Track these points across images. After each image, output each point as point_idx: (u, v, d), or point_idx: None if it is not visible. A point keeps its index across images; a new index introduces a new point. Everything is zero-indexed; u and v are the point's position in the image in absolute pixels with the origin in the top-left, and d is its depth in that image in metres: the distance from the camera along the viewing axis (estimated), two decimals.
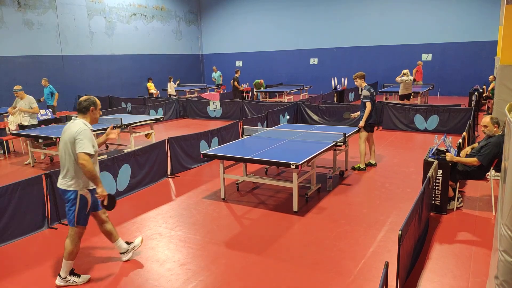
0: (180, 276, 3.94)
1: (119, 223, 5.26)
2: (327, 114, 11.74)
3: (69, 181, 3.68)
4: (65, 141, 3.66)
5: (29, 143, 8.46)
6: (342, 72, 20.04)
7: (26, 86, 15.19)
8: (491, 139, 5.09)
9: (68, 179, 3.69)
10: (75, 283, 3.82)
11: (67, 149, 3.66)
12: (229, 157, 5.67)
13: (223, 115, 13.85)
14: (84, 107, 3.76)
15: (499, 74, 8.34)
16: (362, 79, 7.19)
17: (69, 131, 3.66)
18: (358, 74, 7.18)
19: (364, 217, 5.21)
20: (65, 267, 3.81)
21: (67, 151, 3.66)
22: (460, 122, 10.07)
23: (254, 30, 22.79)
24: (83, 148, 3.57)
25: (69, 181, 3.69)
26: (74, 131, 3.62)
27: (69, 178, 3.69)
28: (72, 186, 3.69)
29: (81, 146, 3.57)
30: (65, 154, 3.68)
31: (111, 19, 18.86)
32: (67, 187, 3.69)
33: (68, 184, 3.69)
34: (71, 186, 3.69)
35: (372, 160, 7.54)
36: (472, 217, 5.09)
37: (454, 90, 18.29)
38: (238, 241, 4.64)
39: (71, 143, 3.62)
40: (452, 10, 17.74)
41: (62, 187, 3.73)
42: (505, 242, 2.55)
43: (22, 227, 4.92)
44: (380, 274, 3.80)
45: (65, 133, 3.71)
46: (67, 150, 3.66)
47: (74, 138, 3.60)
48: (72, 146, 3.62)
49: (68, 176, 3.69)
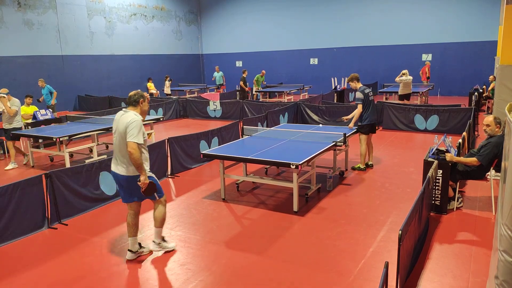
0: (180, 276, 3.94)
1: (119, 223, 5.26)
2: (327, 114, 11.73)
3: (130, 166, 3.95)
4: (120, 132, 3.93)
5: (29, 143, 8.47)
6: (342, 72, 20.03)
7: (26, 86, 15.25)
8: (491, 139, 5.09)
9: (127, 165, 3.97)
10: (167, 248, 4.37)
11: (122, 140, 3.93)
12: (229, 157, 5.67)
13: (223, 115, 13.85)
14: (134, 100, 4.05)
15: (499, 74, 8.34)
16: (356, 80, 7.10)
17: (122, 122, 3.93)
18: (352, 76, 7.10)
19: (364, 217, 5.21)
20: (158, 234, 4.32)
21: (122, 141, 3.93)
22: (460, 122, 10.07)
23: (254, 30, 22.79)
24: (133, 138, 3.83)
25: (129, 166, 3.96)
26: (127, 121, 3.88)
27: (129, 164, 3.95)
28: (135, 172, 3.98)
29: (131, 135, 3.84)
30: (121, 143, 3.95)
31: (111, 19, 18.86)
32: (132, 173, 3.99)
33: (130, 170, 3.99)
34: (134, 172, 3.99)
35: (368, 161, 7.48)
36: (472, 217, 5.09)
37: (454, 90, 18.30)
38: (238, 241, 4.64)
39: (125, 133, 3.88)
40: (452, 10, 17.75)
41: (128, 174, 3.99)
42: (505, 242, 2.55)
43: (22, 227, 4.92)
44: (380, 274, 3.80)
45: (118, 124, 3.98)
46: (122, 140, 3.93)
47: (126, 127, 3.87)
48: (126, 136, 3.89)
49: (128, 162, 3.95)
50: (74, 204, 5.52)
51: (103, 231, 5.03)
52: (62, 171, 5.42)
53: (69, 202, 5.45)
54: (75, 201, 5.54)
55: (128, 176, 4.01)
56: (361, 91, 7.01)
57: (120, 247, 4.59)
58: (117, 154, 4.06)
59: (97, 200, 5.87)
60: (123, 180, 4.07)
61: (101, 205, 5.90)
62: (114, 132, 4.07)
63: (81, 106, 17.41)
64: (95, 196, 5.83)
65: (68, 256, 4.41)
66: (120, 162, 4.03)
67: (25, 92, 13.67)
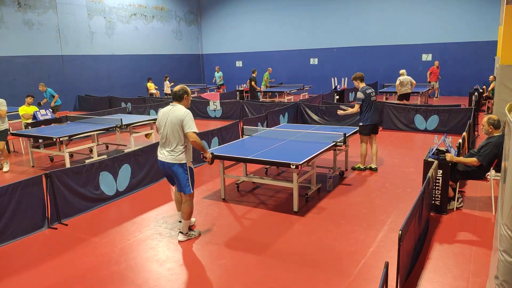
0: (180, 276, 3.95)
1: (119, 223, 5.26)
2: (327, 114, 11.73)
3: (179, 155, 4.43)
4: (173, 122, 4.37)
5: (29, 143, 8.47)
6: (342, 72, 20.04)
7: (26, 86, 15.26)
8: (491, 139, 5.09)
9: (176, 154, 4.42)
10: (194, 235, 4.78)
11: (175, 129, 4.38)
12: (229, 157, 5.66)
13: (223, 115, 13.85)
14: (180, 95, 4.51)
15: (499, 74, 8.34)
16: (359, 80, 7.07)
17: (176, 114, 4.37)
18: (356, 75, 7.08)
19: (364, 217, 5.21)
20: (186, 225, 4.71)
21: (175, 130, 4.38)
22: (460, 122, 10.07)
23: (254, 30, 22.79)
24: (192, 128, 4.37)
25: (178, 155, 4.43)
26: (181, 114, 4.35)
27: (178, 153, 4.43)
28: (183, 160, 4.46)
29: (189, 127, 4.36)
30: (173, 133, 4.39)
31: (111, 19, 18.86)
32: (178, 161, 4.44)
33: (178, 158, 4.43)
34: (182, 160, 4.45)
35: (372, 165, 7.29)
36: (472, 217, 5.09)
37: (454, 90, 18.30)
38: (238, 241, 4.64)
39: (179, 125, 4.35)
40: (452, 10, 17.75)
41: (173, 161, 4.44)
42: (505, 242, 2.55)
43: (22, 227, 4.92)
44: (380, 274, 3.80)
45: (169, 116, 4.41)
46: (175, 130, 4.38)
47: (181, 120, 4.33)
48: (179, 127, 4.35)
49: (177, 151, 4.42)
50: (74, 204, 5.52)
51: (103, 231, 5.03)
52: (62, 171, 5.42)
53: (69, 202, 5.45)
54: (75, 201, 5.54)
55: (173, 164, 4.46)
56: (363, 91, 6.97)
57: (120, 247, 4.59)
58: (168, 143, 4.45)
59: (97, 200, 5.87)
60: (169, 168, 4.51)
61: (101, 205, 5.90)
62: (164, 124, 4.45)
63: (81, 106, 17.41)
64: (95, 196, 5.83)
65: (68, 256, 4.41)
66: (170, 149, 4.44)
67: (25, 92, 13.68)
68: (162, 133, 4.50)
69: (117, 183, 6.21)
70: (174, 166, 4.47)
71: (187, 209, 4.63)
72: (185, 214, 4.66)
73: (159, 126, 4.56)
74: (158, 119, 4.57)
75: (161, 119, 4.52)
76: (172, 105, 4.51)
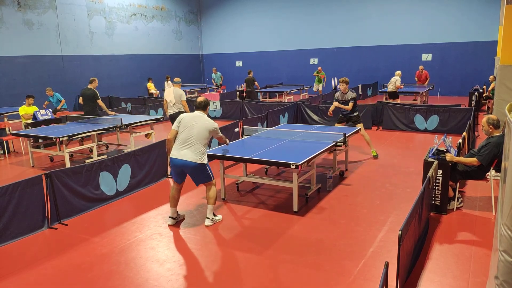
0: (180, 276, 3.95)
1: (119, 223, 5.26)
2: (327, 114, 11.71)
3: (202, 156, 4.93)
4: (204, 128, 4.94)
5: (29, 143, 8.47)
6: (342, 72, 20.03)
7: (26, 86, 15.26)
8: (491, 139, 5.08)
9: (200, 155, 4.89)
10: (218, 220, 5.22)
11: (204, 135, 4.94)
12: (229, 157, 5.67)
13: (223, 115, 13.85)
14: (204, 106, 5.14)
15: (499, 74, 8.35)
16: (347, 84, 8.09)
17: (207, 123, 4.98)
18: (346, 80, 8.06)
19: (364, 217, 5.21)
20: (212, 211, 5.16)
21: (203, 136, 4.93)
22: (460, 122, 10.07)
23: (254, 30, 22.79)
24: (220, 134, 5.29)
25: (202, 156, 4.92)
26: (213, 125, 5.02)
27: (200, 154, 4.90)
28: (205, 160, 4.97)
29: (219, 134, 5.23)
30: (200, 137, 4.92)
31: (111, 19, 18.85)
32: (201, 161, 4.92)
33: (202, 159, 4.92)
34: (204, 160, 4.95)
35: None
36: (472, 217, 5.09)
37: (454, 90, 18.30)
38: (238, 241, 4.64)
39: (209, 132, 4.97)
40: (452, 10, 17.74)
41: (197, 161, 4.88)
42: (505, 242, 2.55)
43: (22, 227, 4.92)
44: (380, 274, 3.80)
45: (199, 122, 4.98)
46: (203, 135, 4.93)
47: (213, 130, 5.02)
48: (208, 134, 4.98)
49: (201, 153, 4.91)
50: (74, 204, 5.52)
51: (103, 231, 5.03)
52: (62, 171, 5.42)
53: (69, 202, 5.45)
54: (75, 201, 5.54)
55: (197, 164, 4.88)
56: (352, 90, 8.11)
57: (120, 247, 4.59)
58: (192, 145, 4.89)
59: (97, 200, 5.87)
60: (190, 166, 4.89)
61: (101, 205, 5.90)
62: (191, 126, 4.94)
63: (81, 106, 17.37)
64: (95, 196, 5.83)
65: (68, 256, 4.41)
66: (194, 151, 4.88)
67: (25, 92, 13.70)
68: (188, 134, 4.92)
69: (117, 183, 6.21)
70: (197, 166, 4.89)
71: (213, 195, 5.08)
72: (212, 199, 5.09)
73: (184, 127, 4.96)
74: (183, 122, 4.99)
75: (187, 122, 4.97)
76: (199, 113, 5.09)
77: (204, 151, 4.97)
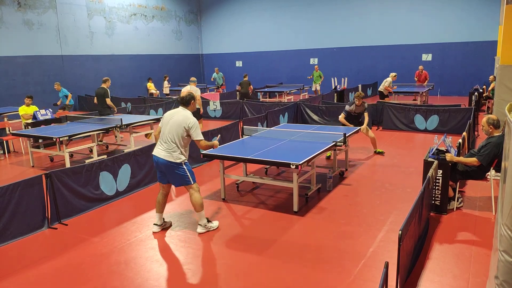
0: (180, 276, 3.94)
1: (119, 223, 5.26)
2: (327, 114, 11.74)
3: (175, 154, 4.60)
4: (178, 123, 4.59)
5: (29, 143, 8.47)
6: (342, 72, 20.03)
7: (26, 86, 15.27)
8: (491, 139, 5.08)
9: (172, 153, 4.58)
10: (212, 227, 4.91)
11: (178, 131, 4.58)
12: (229, 157, 5.66)
13: (223, 115, 13.85)
14: (187, 101, 4.75)
15: (499, 74, 8.35)
16: None
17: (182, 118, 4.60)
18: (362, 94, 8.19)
19: (364, 217, 5.21)
20: (202, 217, 4.83)
21: (177, 132, 4.58)
22: (460, 122, 10.07)
23: (254, 30, 22.79)
24: (199, 136, 4.65)
25: (174, 154, 4.59)
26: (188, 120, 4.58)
27: (177, 153, 4.60)
28: (181, 159, 4.63)
29: (197, 134, 4.64)
30: (174, 134, 4.59)
31: (111, 19, 18.85)
32: (176, 160, 4.60)
33: (173, 156, 4.59)
34: (180, 159, 4.62)
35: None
36: (472, 217, 5.09)
37: (454, 90, 18.29)
38: (238, 241, 4.64)
39: (183, 129, 4.58)
40: (452, 10, 17.74)
41: (171, 160, 4.58)
42: (505, 242, 2.55)
43: (22, 227, 4.92)
44: (380, 274, 3.80)
45: (175, 116, 4.65)
46: (178, 131, 4.58)
47: (188, 126, 4.58)
48: (183, 131, 4.59)
49: (177, 152, 4.59)
50: (74, 204, 5.52)
51: (103, 231, 5.03)
52: (62, 171, 5.42)
53: (69, 202, 5.45)
54: (75, 201, 5.54)
55: (169, 162, 4.59)
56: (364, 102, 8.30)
57: (120, 247, 4.59)
58: (165, 142, 4.62)
59: (97, 200, 5.87)
60: (163, 164, 4.63)
61: (101, 205, 5.90)
62: (167, 122, 4.65)
63: (81, 106, 17.40)
64: (95, 196, 5.83)
65: (68, 256, 4.41)
66: (167, 148, 4.61)
67: (25, 92, 13.71)
68: (164, 130, 4.70)
69: (117, 183, 6.21)
70: (168, 164, 4.61)
71: (195, 201, 4.75)
72: (196, 206, 4.77)
73: (163, 123, 4.76)
74: (164, 118, 4.79)
75: (166, 117, 4.76)
76: (182, 108, 4.76)
77: (179, 149, 4.62)
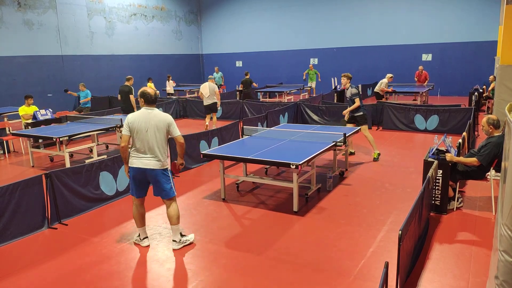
0: (180, 276, 3.94)
1: (119, 223, 5.26)
2: (327, 114, 11.74)
3: (163, 161, 4.35)
4: (160, 127, 4.28)
5: (29, 143, 8.47)
6: (342, 72, 19.94)
7: (26, 86, 15.25)
8: (491, 139, 5.08)
9: (162, 159, 4.32)
10: (188, 241, 4.57)
11: (162, 134, 4.30)
12: (229, 157, 5.66)
13: (223, 115, 13.85)
14: (155, 99, 4.43)
15: (499, 74, 8.34)
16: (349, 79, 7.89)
17: (160, 119, 4.30)
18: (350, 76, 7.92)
19: (364, 217, 5.21)
20: (177, 232, 4.51)
21: (161, 135, 4.30)
22: (460, 122, 10.07)
23: (254, 30, 22.78)
24: (178, 132, 4.41)
25: (163, 161, 4.34)
26: (167, 118, 4.34)
27: (163, 158, 4.34)
28: (166, 165, 4.40)
29: (177, 130, 4.39)
30: (158, 138, 4.28)
31: (111, 19, 18.85)
32: (163, 167, 4.35)
33: (163, 164, 4.35)
34: (166, 165, 4.38)
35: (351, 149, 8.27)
36: (472, 217, 5.09)
37: (454, 90, 18.29)
38: (238, 241, 4.64)
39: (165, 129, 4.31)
40: (452, 10, 17.74)
41: (159, 168, 4.31)
42: (505, 242, 2.55)
43: (22, 227, 4.92)
44: (380, 274, 3.80)
45: (152, 120, 4.27)
46: (162, 134, 4.30)
47: (169, 124, 4.33)
48: (166, 132, 4.32)
49: (162, 157, 4.32)
50: (74, 204, 5.52)
51: (103, 231, 5.03)
52: (62, 171, 5.42)
53: (69, 202, 5.45)
54: (75, 201, 5.54)
55: (159, 170, 4.33)
56: (356, 87, 7.90)
57: (120, 247, 4.59)
58: (152, 149, 4.28)
59: (97, 200, 5.87)
60: (151, 174, 4.31)
61: (101, 205, 5.90)
62: (146, 129, 4.24)
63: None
64: (95, 196, 5.83)
65: (68, 256, 4.41)
66: (153, 157, 4.29)
67: (25, 92, 13.67)
68: (144, 139, 4.24)
69: (117, 183, 6.20)
70: (158, 172, 4.31)
71: (175, 213, 4.44)
72: (175, 218, 4.43)
73: (138, 131, 4.23)
74: (136, 124, 4.23)
75: (140, 124, 4.23)
76: (148, 109, 4.33)
77: (164, 154, 4.40)
